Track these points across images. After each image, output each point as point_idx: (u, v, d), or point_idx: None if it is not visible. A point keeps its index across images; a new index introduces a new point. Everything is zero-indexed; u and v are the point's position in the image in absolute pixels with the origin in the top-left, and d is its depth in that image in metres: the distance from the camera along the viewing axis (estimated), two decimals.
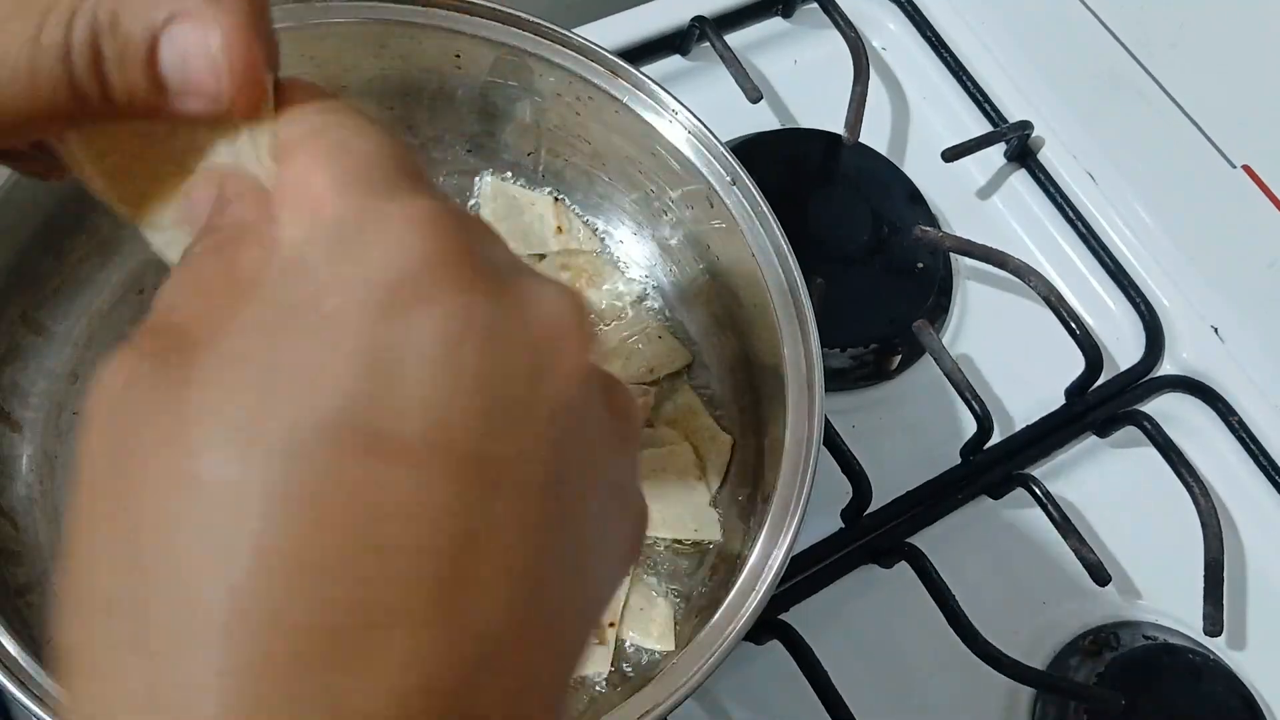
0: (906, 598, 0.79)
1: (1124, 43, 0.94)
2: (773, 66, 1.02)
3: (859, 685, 0.75)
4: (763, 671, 0.76)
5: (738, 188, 0.75)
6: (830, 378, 0.74)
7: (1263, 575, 0.88)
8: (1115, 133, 0.98)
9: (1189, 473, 0.85)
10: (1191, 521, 0.84)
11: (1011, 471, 0.85)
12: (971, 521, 0.86)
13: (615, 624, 0.71)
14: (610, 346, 0.79)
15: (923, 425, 0.89)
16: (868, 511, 0.82)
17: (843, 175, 0.96)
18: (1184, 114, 0.91)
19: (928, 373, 0.89)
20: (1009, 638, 0.82)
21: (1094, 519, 0.87)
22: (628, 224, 0.83)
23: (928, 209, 0.95)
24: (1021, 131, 0.99)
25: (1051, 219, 0.99)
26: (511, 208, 0.83)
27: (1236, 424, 0.91)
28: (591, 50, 0.77)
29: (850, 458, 0.81)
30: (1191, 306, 0.95)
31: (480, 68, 0.79)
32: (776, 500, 0.67)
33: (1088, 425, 0.90)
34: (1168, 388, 0.92)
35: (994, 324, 0.94)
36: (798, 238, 0.73)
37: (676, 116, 0.76)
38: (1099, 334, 0.91)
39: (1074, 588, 0.81)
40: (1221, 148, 0.90)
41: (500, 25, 0.77)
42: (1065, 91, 1.00)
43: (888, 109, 1.03)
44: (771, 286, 0.73)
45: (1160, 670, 0.79)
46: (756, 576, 0.65)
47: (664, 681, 0.62)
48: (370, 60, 0.78)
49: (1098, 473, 0.90)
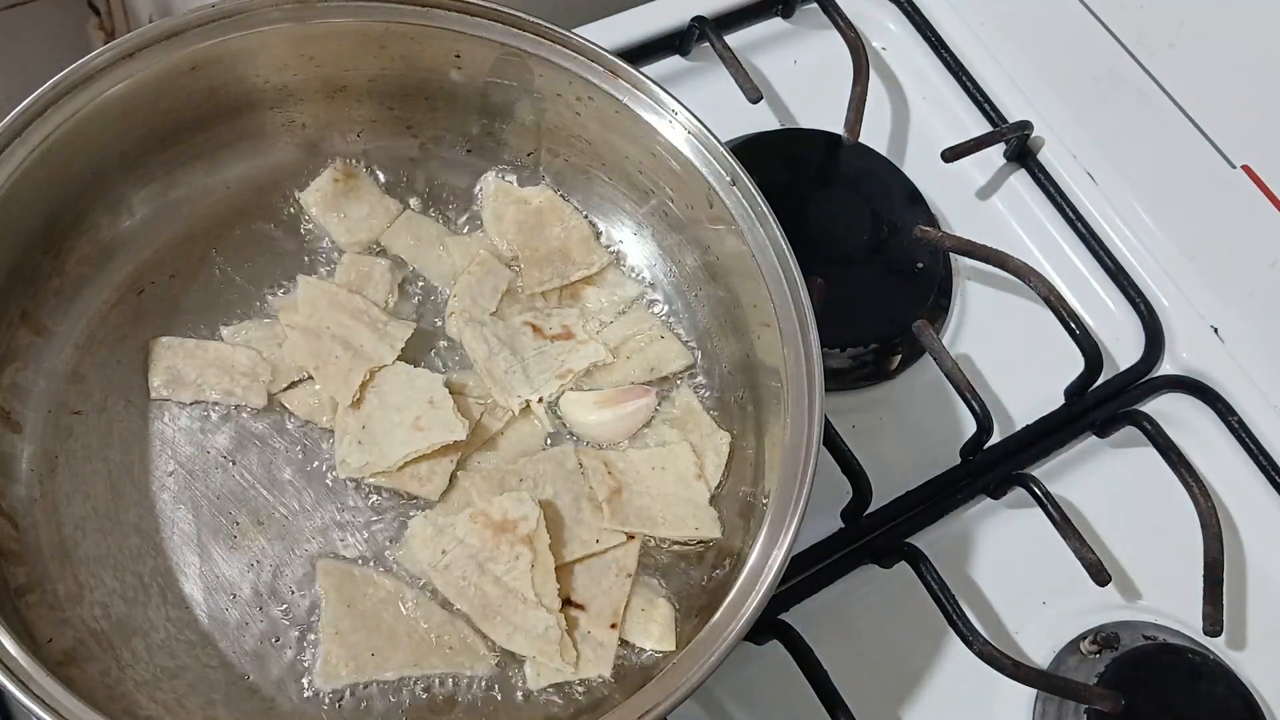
0: (906, 598, 0.79)
1: (1123, 42, 0.94)
2: (773, 66, 1.02)
3: (859, 685, 0.75)
4: (763, 671, 0.76)
5: (738, 188, 0.75)
6: (830, 378, 0.74)
7: (1263, 575, 0.88)
8: (1115, 133, 0.98)
9: (1189, 473, 0.85)
10: (1191, 521, 0.84)
11: (1011, 471, 0.85)
12: (971, 521, 0.86)
13: (616, 624, 0.71)
14: (611, 346, 0.79)
15: (923, 425, 0.89)
16: (868, 511, 0.82)
17: (843, 175, 0.96)
18: (1184, 114, 0.91)
19: (928, 373, 0.89)
20: (1009, 638, 0.82)
21: (1094, 519, 0.87)
22: (628, 224, 0.83)
23: (928, 209, 0.95)
24: (1021, 131, 0.99)
25: (1051, 219, 0.99)
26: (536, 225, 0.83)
27: (1236, 424, 0.91)
28: (591, 50, 0.77)
29: (850, 458, 0.81)
30: (1191, 306, 0.95)
31: (480, 68, 0.79)
32: (776, 500, 0.67)
33: (1087, 425, 0.90)
34: (1167, 388, 0.92)
35: (994, 324, 0.94)
36: (798, 238, 0.73)
37: (676, 116, 0.76)
38: (1099, 334, 0.91)
39: (1074, 588, 0.81)
40: (1221, 148, 0.90)
41: (500, 25, 0.77)
42: (1065, 91, 1.00)
43: (888, 109, 1.03)
44: (771, 286, 0.73)
45: (1160, 670, 0.79)
46: (756, 576, 0.65)
47: (664, 681, 0.62)
48: (370, 60, 0.79)
49: (1098, 473, 0.90)
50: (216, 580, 0.70)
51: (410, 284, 0.81)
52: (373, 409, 0.74)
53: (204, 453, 0.73)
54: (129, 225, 0.77)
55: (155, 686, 0.66)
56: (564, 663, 0.69)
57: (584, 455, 0.76)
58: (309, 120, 0.81)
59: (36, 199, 0.70)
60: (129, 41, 0.71)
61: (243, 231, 0.80)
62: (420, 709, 0.68)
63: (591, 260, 0.82)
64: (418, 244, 0.81)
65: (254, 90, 0.78)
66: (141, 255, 0.77)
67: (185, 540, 0.71)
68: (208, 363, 0.75)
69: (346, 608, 0.69)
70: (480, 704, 0.69)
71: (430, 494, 0.73)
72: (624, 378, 0.79)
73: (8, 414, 0.70)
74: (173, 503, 0.72)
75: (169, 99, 0.74)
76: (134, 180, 0.76)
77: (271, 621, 0.69)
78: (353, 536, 0.72)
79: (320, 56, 0.77)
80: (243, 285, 0.78)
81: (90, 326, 0.75)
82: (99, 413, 0.73)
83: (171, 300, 0.77)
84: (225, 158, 0.79)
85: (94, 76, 0.70)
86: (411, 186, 0.83)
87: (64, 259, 0.74)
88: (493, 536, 0.70)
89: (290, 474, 0.74)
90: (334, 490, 0.73)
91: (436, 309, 0.80)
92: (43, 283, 0.73)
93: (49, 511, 0.70)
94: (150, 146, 0.76)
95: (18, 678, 0.57)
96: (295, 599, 0.70)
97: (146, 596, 0.69)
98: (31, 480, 0.70)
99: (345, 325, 0.76)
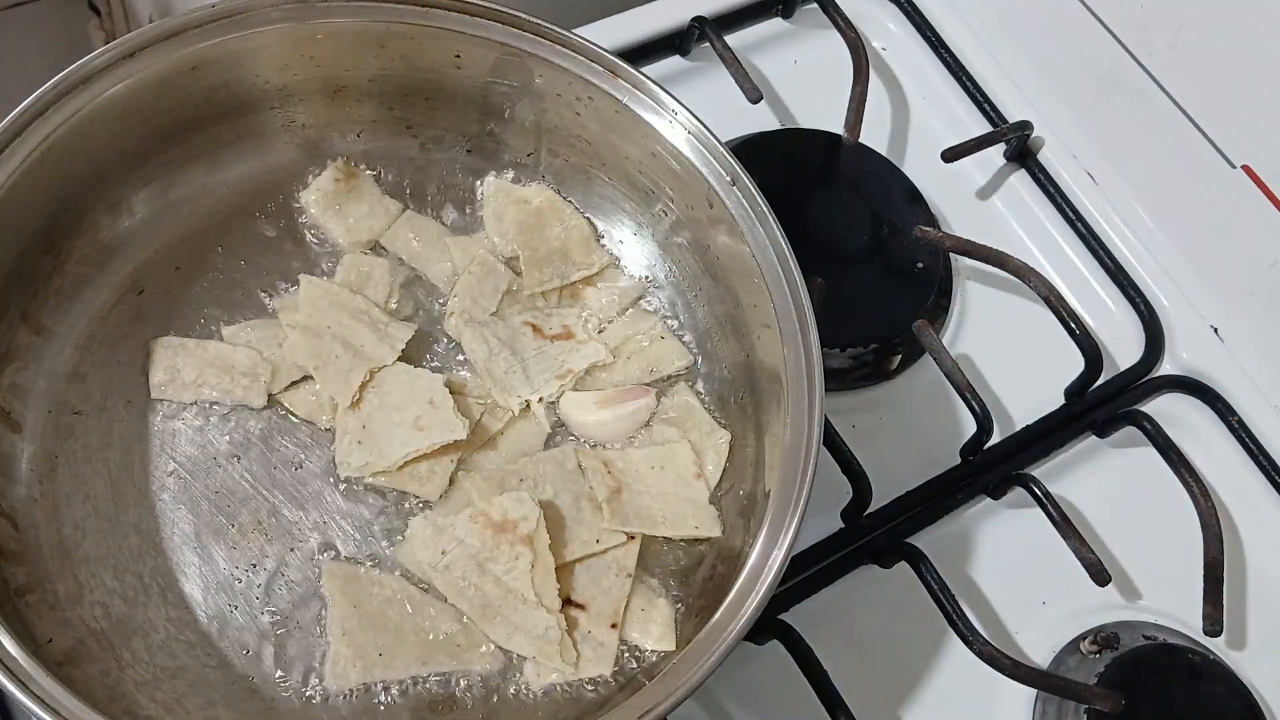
0: (906, 598, 0.79)
1: (1123, 43, 0.94)
2: (773, 66, 1.02)
3: (859, 685, 0.75)
4: (763, 671, 0.76)
5: (738, 188, 0.75)
6: (830, 378, 0.74)
7: (1263, 575, 0.88)
8: (1115, 133, 0.98)
9: (1189, 473, 0.85)
10: (1191, 521, 0.84)
11: (1011, 471, 0.85)
12: (971, 521, 0.86)
13: (617, 624, 0.71)
14: (611, 346, 0.79)
15: (923, 425, 0.89)
16: (868, 511, 0.82)
17: (843, 175, 0.96)
18: (1184, 114, 0.91)
19: (928, 373, 0.89)
20: (1009, 638, 0.82)
21: (1094, 519, 0.87)
22: (628, 224, 0.83)
23: (928, 209, 0.95)
24: (1021, 131, 0.99)
25: (1051, 219, 0.99)
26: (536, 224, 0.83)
27: (1236, 424, 0.91)
28: (591, 50, 0.77)
29: (850, 458, 0.81)
30: (1191, 306, 0.95)
31: (480, 68, 0.79)
32: (776, 500, 0.67)
33: (1087, 425, 0.90)
34: (1167, 388, 0.92)
35: (994, 324, 0.94)
36: (798, 238, 0.73)
37: (676, 117, 0.76)
38: (1099, 334, 0.91)
39: (1074, 588, 0.81)
40: (1221, 148, 0.90)
41: (500, 25, 0.77)
42: (1065, 91, 1.00)
43: (888, 109, 1.03)
44: (771, 286, 0.73)
45: (1160, 670, 0.79)
46: (756, 576, 0.65)
47: (664, 681, 0.62)
48: (370, 60, 0.79)
49: (1098, 473, 0.90)
50: (216, 580, 0.70)
51: (410, 284, 0.81)
52: (373, 409, 0.74)
53: (204, 453, 0.73)
54: (129, 225, 0.77)
55: (155, 686, 0.66)
56: (564, 663, 0.69)
57: (583, 455, 0.76)
58: (309, 120, 0.81)
59: (36, 199, 0.70)
60: (129, 41, 0.71)
61: (243, 231, 0.80)
62: (421, 709, 0.68)
63: (591, 260, 0.82)
64: (418, 244, 0.81)
65: (254, 90, 0.78)
66: (141, 255, 0.77)
67: (185, 540, 0.71)
68: (208, 362, 0.75)
69: (353, 608, 0.69)
70: (481, 704, 0.69)
71: (430, 494, 0.73)
72: (624, 378, 0.79)
73: (8, 414, 0.70)
74: (173, 503, 0.72)
75: (169, 99, 0.74)
76: (134, 180, 0.76)
77: (271, 621, 0.69)
78: (353, 537, 0.72)
79: (320, 56, 0.77)
80: (243, 285, 0.78)
81: (90, 326, 0.75)
82: (99, 413, 0.73)
83: (172, 300, 0.77)
84: (225, 158, 0.79)
85: (94, 76, 0.70)
86: (411, 186, 0.83)
87: (64, 259, 0.74)
88: (493, 536, 0.70)
89: (290, 474, 0.74)
90: (334, 490, 0.73)
91: (436, 309, 0.80)
92: (43, 283, 0.73)
93: (49, 511, 0.70)
94: (150, 146, 0.76)
95: (18, 678, 0.57)
96: (295, 599, 0.70)
97: (146, 596, 0.69)
98: (31, 480, 0.70)
99: (346, 325, 0.76)
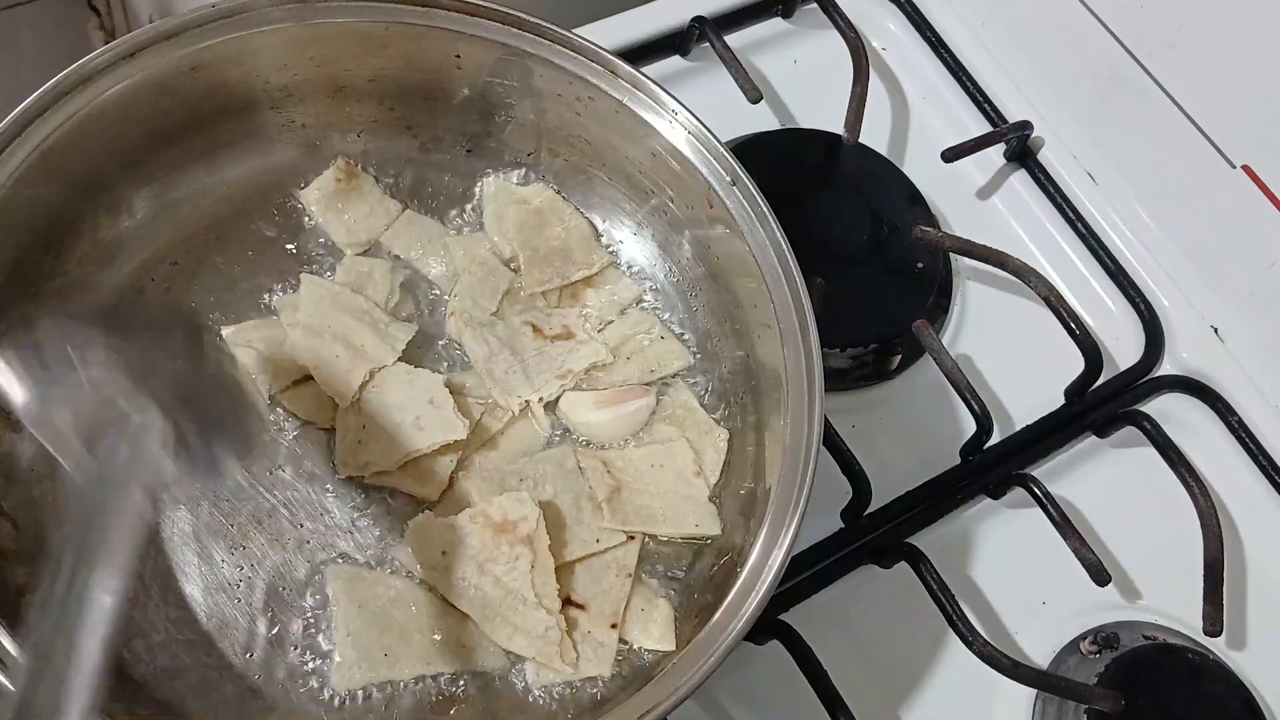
0: (906, 598, 0.79)
1: (1123, 42, 0.94)
2: (773, 66, 1.02)
3: (859, 685, 0.75)
4: (763, 671, 0.76)
5: (738, 188, 0.75)
6: (830, 378, 0.74)
7: (1263, 575, 0.88)
8: (1115, 133, 0.98)
9: (1189, 473, 0.85)
10: (1191, 521, 0.84)
11: (1011, 471, 0.85)
12: (971, 521, 0.86)
13: (617, 624, 0.71)
14: (611, 346, 0.79)
15: (923, 425, 0.89)
16: (868, 511, 0.82)
17: (843, 175, 0.96)
18: (1184, 114, 0.91)
19: (928, 373, 0.89)
20: (1009, 638, 0.82)
21: (1094, 519, 0.87)
22: (628, 224, 0.83)
23: (928, 209, 0.95)
24: (1021, 132, 0.99)
25: (1051, 219, 0.99)
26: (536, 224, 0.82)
27: (1236, 424, 0.91)
28: (591, 50, 0.77)
29: (850, 458, 0.81)
30: (1191, 306, 0.95)
31: (480, 68, 0.79)
32: (776, 500, 0.67)
33: (1087, 425, 0.90)
34: (1167, 388, 0.92)
35: (994, 324, 0.94)
36: (798, 238, 0.73)
37: (676, 117, 0.76)
38: (1099, 334, 0.91)
39: (1074, 588, 0.81)
40: (1221, 148, 0.90)
41: (500, 25, 0.77)
42: (1065, 91, 1.00)
43: (888, 109, 1.03)
44: (771, 286, 0.73)
45: (1160, 670, 0.79)
46: (756, 577, 0.65)
47: (664, 681, 0.62)
48: (370, 60, 0.78)
49: (1098, 473, 0.90)
50: (216, 580, 0.70)
51: (410, 284, 0.81)
52: (373, 409, 0.74)
53: None
54: (129, 225, 0.77)
55: (155, 686, 0.66)
56: (564, 663, 0.69)
57: (583, 455, 0.76)
58: (309, 120, 0.81)
59: (36, 199, 0.70)
60: (129, 41, 0.71)
61: (243, 231, 0.80)
62: (421, 708, 0.68)
63: (591, 260, 0.82)
64: (418, 244, 0.81)
65: (254, 90, 0.78)
66: (141, 255, 0.77)
67: (185, 540, 0.71)
68: None
69: (358, 609, 0.69)
70: (481, 704, 0.69)
71: (430, 494, 0.73)
72: (624, 378, 0.79)
73: (8, 414, 0.70)
74: (172, 503, 0.71)
75: (169, 99, 0.74)
76: (134, 180, 0.76)
77: (271, 621, 0.69)
78: (353, 536, 0.72)
79: (320, 56, 0.77)
80: (243, 285, 0.78)
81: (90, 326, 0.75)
82: None
83: (172, 300, 0.77)
84: (225, 158, 0.79)
85: (94, 76, 0.70)
86: (412, 186, 0.83)
87: (64, 259, 0.74)
88: (493, 537, 0.70)
89: (290, 474, 0.73)
90: (334, 490, 0.73)
91: (437, 309, 0.80)
92: (43, 283, 0.73)
93: (49, 511, 0.69)
94: (150, 146, 0.76)
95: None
96: (294, 598, 0.70)
97: (146, 596, 0.69)
98: (31, 480, 0.70)
99: (347, 325, 0.76)
